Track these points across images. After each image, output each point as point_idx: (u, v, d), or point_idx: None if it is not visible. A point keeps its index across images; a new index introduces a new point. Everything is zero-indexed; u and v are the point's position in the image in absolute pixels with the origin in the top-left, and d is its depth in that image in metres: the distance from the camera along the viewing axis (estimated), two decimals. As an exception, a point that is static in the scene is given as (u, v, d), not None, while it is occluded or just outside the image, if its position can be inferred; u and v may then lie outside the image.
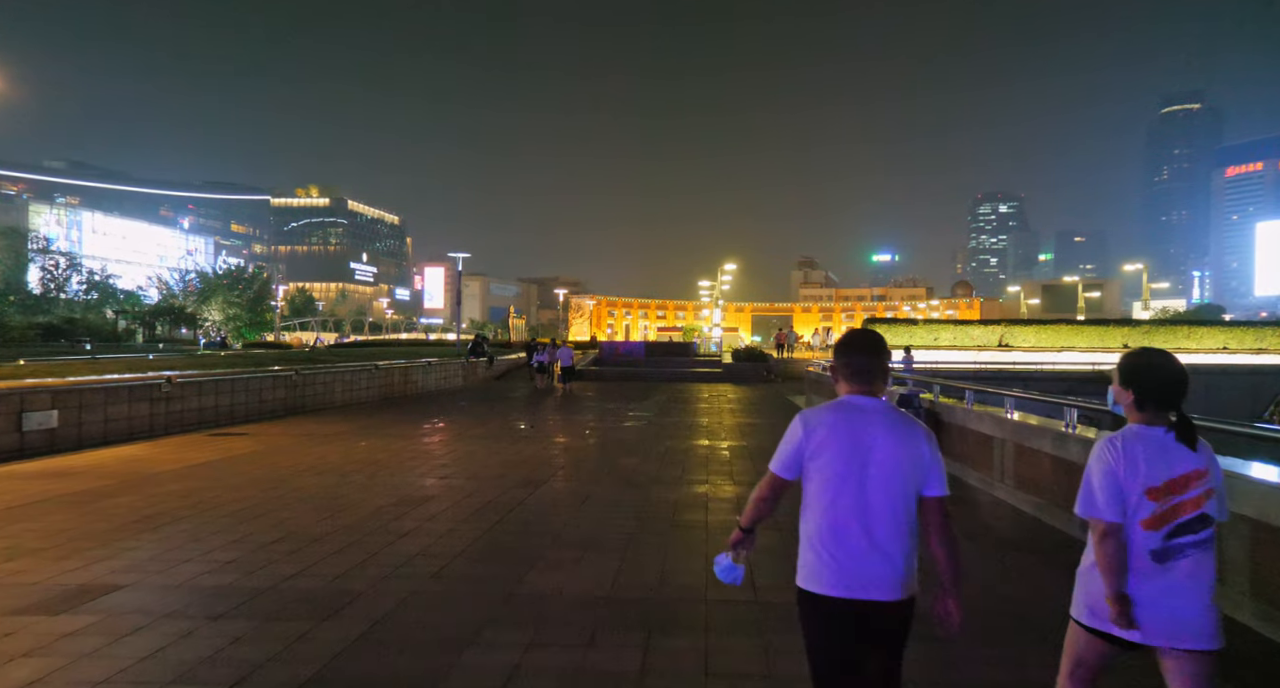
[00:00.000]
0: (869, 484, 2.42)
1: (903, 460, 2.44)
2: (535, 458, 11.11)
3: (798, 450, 2.53)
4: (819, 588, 2.43)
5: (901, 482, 2.44)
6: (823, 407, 2.58)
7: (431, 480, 9.17)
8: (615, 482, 9.24)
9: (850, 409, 2.53)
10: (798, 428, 2.54)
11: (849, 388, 2.60)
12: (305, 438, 13.07)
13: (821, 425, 2.50)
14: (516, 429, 14.88)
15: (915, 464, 2.46)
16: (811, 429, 2.51)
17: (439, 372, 27.09)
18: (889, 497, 2.42)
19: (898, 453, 2.45)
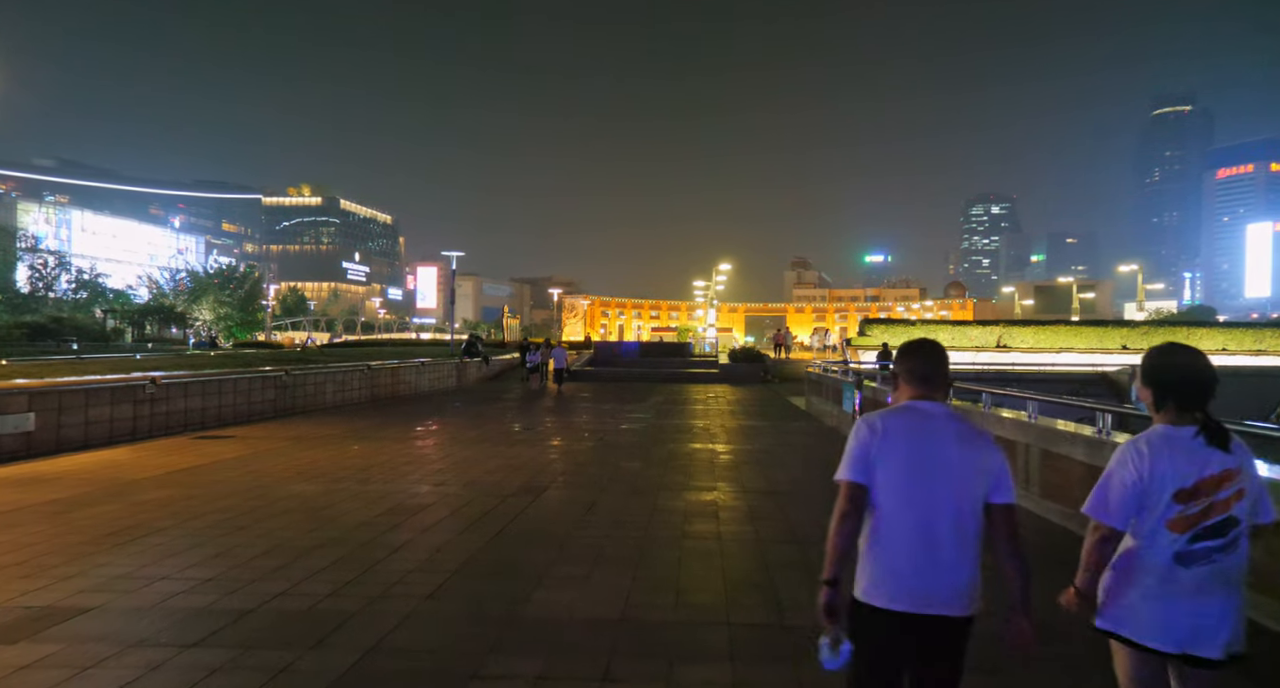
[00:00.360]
0: (936, 491, 2.35)
1: (970, 466, 2.37)
2: (534, 463, 10.70)
3: (866, 453, 2.43)
4: (880, 601, 2.33)
5: (969, 489, 2.37)
6: (887, 411, 2.50)
7: (426, 488, 8.74)
8: (619, 489, 8.84)
9: (916, 414, 2.45)
10: (864, 430, 2.45)
11: (912, 393, 2.52)
12: (295, 441, 12.63)
13: (888, 429, 2.42)
14: (513, 432, 14.46)
15: (983, 471, 2.38)
16: (879, 432, 2.43)
17: (432, 372, 26.63)
18: (956, 504, 2.35)
19: (965, 459, 2.37)
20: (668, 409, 19.85)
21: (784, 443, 13.38)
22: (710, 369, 37.96)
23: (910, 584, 2.31)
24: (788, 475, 9.90)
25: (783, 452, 12.20)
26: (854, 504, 2.42)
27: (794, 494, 8.58)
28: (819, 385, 21.78)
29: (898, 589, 2.32)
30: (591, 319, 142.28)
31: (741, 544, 6.37)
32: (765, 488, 8.92)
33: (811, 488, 8.95)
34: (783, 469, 10.40)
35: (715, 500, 8.17)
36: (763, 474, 9.93)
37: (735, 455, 11.73)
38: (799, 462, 11.19)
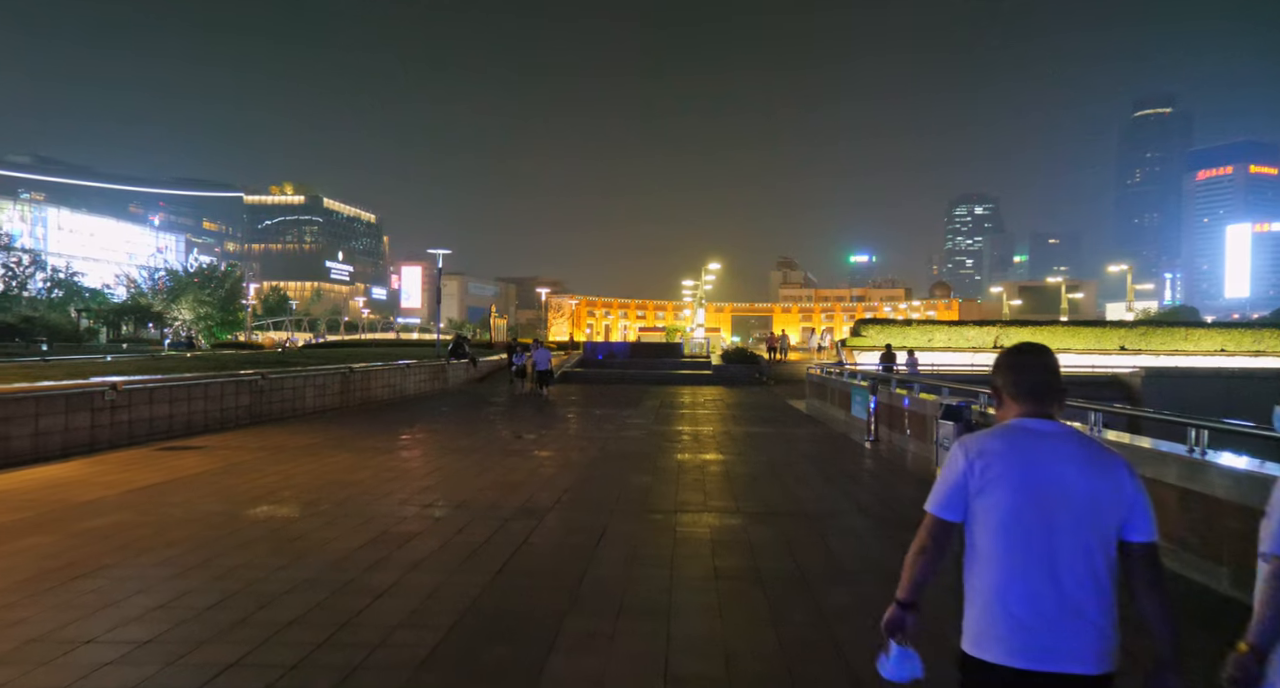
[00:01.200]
0: (1057, 527, 2.02)
1: (1099, 497, 2.04)
2: (532, 478, 9.74)
3: (960, 485, 2.11)
4: (995, 656, 2.01)
5: (1098, 524, 2.03)
6: (988, 433, 2.16)
7: (413, 510, 7.76)
8: (630, 510, 7.90)
9: (1025, 435, 2.11)
10: (959, 458, 2.12)
11: (1020, 410, 2.17)
12: (269, 452, 11.59)
13: (990, 455, 2.09)
14: (506, 440, 13.48)
15: (1115, 501, 2.04)
16: (977, 459, 2.09)
17: (418, 374, 25.58)
18: (1083, 542, 2.02)
19: (1092, 488, 2.04)
20: (666, 414, 18.93)
21: (798, 453, 12.48)
22: (703, 371, 37.12)
23: (1031, 636, 1.98)
24: (812, 493, 9.00)
25: (801, 464, 11.30)
26: (936, 542, 2.13)
27: (826, 518, 7.66)
28: (822, 388, 20.94)
29: (1016, 641, 1.99)
30: (578, 319, 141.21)
31: (787, 585, 5.44)
32: (793, 509, 8.01)
33: (842, 510, 8.05)
34: (805, 486, 9.50)
35: (743, 526, 7.24)
36: (786, 492, 9.03)
37: (750, 467, 10.82)
38: (819, 476, 10.30)
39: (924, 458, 11.80)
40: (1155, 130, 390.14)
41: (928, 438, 11.91)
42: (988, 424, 9.36)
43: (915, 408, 12.69)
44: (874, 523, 7.40)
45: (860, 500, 8.55)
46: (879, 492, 9.15)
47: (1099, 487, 2.03)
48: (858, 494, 8.94)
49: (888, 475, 10.45)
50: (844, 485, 9.55)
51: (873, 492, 9.14)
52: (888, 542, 6.64)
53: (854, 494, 8.94)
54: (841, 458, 12.06)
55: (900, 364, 23.61)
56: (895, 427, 13.90)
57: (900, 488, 9.43)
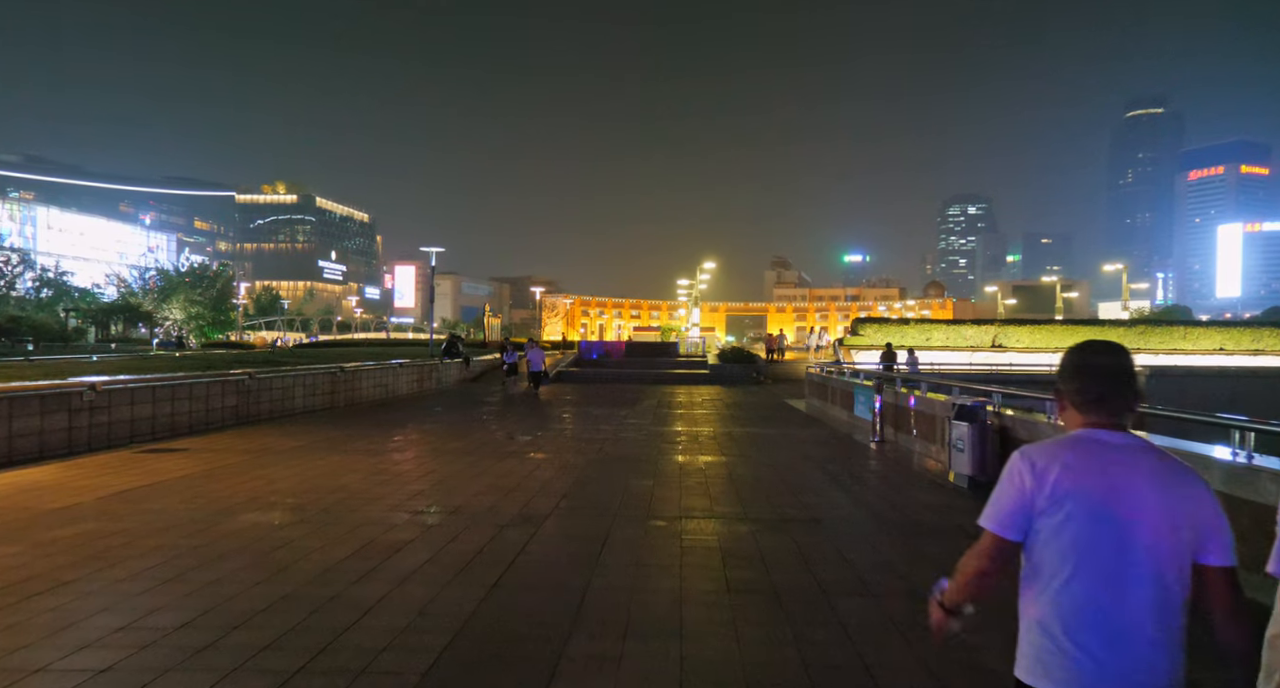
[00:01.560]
0: (1129, 549, 1.82)
1: (1175, 517, 1.83)
2: (529, 481, 9.33)
3: (1024, 502, 1.91)
4: (1057, 686, 1.82)
5: (1173, 546, 1.83)
6: (1053, 444, 1.97)
7: (404, 516, 7.36)
8: (633, 516, 7.50)
9: (1095, 447, 1.92)
10: (1022, 471, 1.93)
11: (1086, 420, 1.98)
12: (255, 455, 11.16)
13: (1057, 468, 1.89)
14: (501, 442, 13.07)
15: (1191, 522, 1.84)
16: (1043, 473, 1.90)
17: (411, 374, 25.14)
18: (1156, 566, 1.82)
19: (1167, 507, 1.84)
20: (664, 414, 18.54)
21: (801, 455, 12.10)
22: (699, 370, 36.73)
23: (1099, 666, 1.81)
24: (821, 498, 8.62)
25: (804, 467, 10.92)
26: (996, 565, 1.95)
27: (837, 525, 7.28)
28: (823, 388, 20.58)
29: (1082, 671, 1.82)
30: (573, 319, 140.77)
31: (806, 601, 5.05)
32: (803, 516, 7.62)
33: (854, 517, 7.66)
34: (813, 490, 9.12)
35: (752, 534, 6.85)
36: (793, 497, 8.63)
37: (754, 470, 10.44)
38: (825, 479, 9.92)
39: (933, 459, 11.44)
40: (1147, 130, 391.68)
41: (937, 439, 11.56)
42: (1003, 426, 9.00)
43: (923, 408, 12.32)
44: (890, 531, 7.02)
45: (872, 506, 8.17)
46: (890, 496, 8.77)
47: (1176, 506, 1.85)
48: (869, 499, 8.56)
49: (897, 478, 10.08)
50: (853, 489, 9.17)
51: (884, 496, 8.77)
52: (907, 551, 6.27)
53: (865, 499, 8.56)
54: (847, 460, 11.68)
55: (901, 363, 23.27)
56: (901, 427, 13.54)
57: (912, 492, 9.06)
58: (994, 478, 7.88)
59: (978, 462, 8.90)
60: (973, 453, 8.89)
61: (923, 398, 12.49)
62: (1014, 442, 8.75)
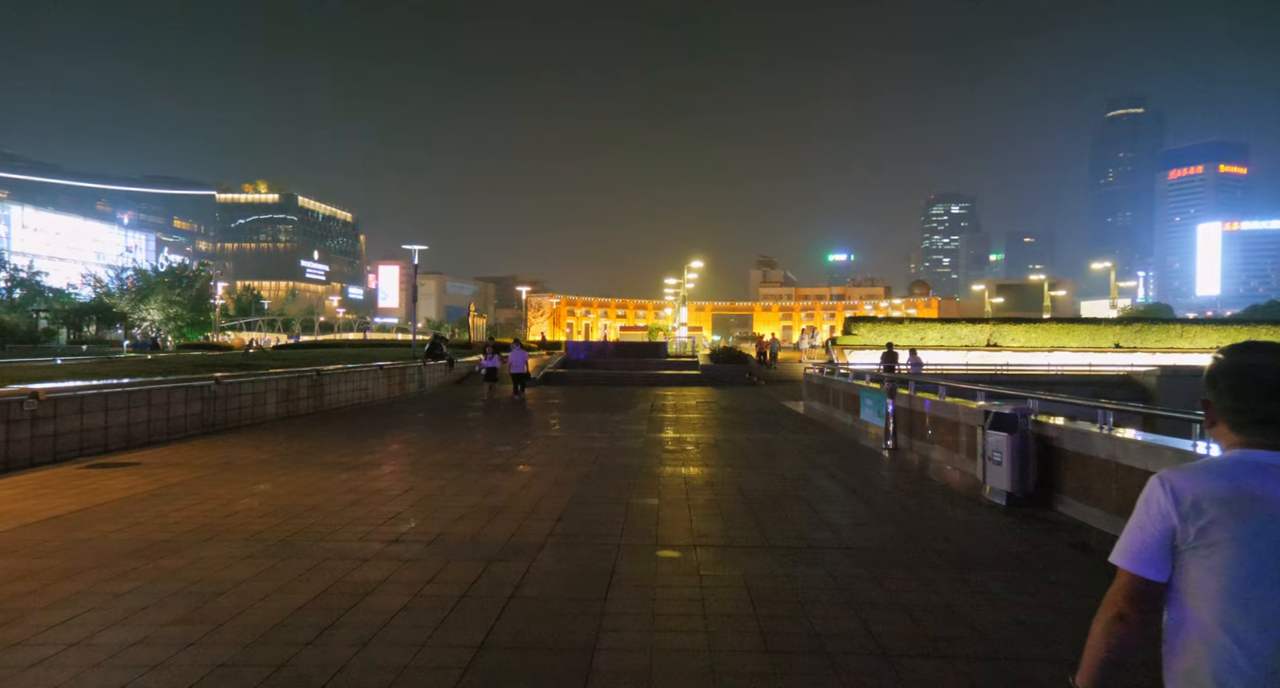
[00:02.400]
0: None
1: None
2: (518, 500, 8.37)
3: (1166, 535, 1.63)
4: None
5: None
6: (1203, 467, 1.64)
7: (376, 546, 6.38)
8: (639, 544, 6.56)
9: (1258, 473, 1.59)
10: (1162, 500, 1.63)
11: (1245, 440, 1.65)
12: (214, 470, 10.13)
13: (1210, 498, 1.59)
14: (487, 452, 12.08)
15: None
16: (1192, 503, 1.60)
17: (392, 377, 24.08)
18: None
19: None
20: (659, 419, 17.61)
21: (813, 465, 11.20)
22: (690, 371, 35.86)
23: None
24: (847, 518, 7.71)
25: (820, 479, 10.01)
26: (1138, 608, 1.64)
27: (874, 554, 6.37)
28: (824, 391, 19.73)
29: None
30: (558, 318, 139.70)
31: (866, 667, 4.10)
32: (832, 541, 6.70)
33: (890, 542, 6.74)
34: (836, 508, 8.21)
35: (781, 569, 5.89)
36: (816, 517, 7.72)
37: (766, 483, 9.51)
38: (844, 493, 9.03)
39: (955, 469, 10.57)
40: (1128, 130, 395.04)
41: (959, 447, 10.69)
42: (1045, 436, 8.13)
43: (942, 413, 11.46)
44: (936, 562, 6.12)
45: (906, 527, 7.26)
46: (923, 515, 7.88)
47: None
48: (900, 518, 7.65)
49: (923, 492, 9.19)
50: (878, 506, 8.28)
51: (915, 515, 7.87)
52: (966, 590, 5.36)
53: (895, 518, 7.66)
54: (863, 470, 10.80)
55: (902, 364, 22.46)
56: (916, 433, 12.68)
57: (944, 509, 8.18)
58: (1035, 495, 6.91)
59: (1017, 477, 8.03)
60: (1012, 467, 8.02)
61: (942, 403, 11.63)
62: (1059, 455, 7.88)
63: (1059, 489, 7.87)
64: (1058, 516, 7.69)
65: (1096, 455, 7.17)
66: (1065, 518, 7.57)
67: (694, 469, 10.60)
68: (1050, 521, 7.51)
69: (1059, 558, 6.24)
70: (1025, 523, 7.41)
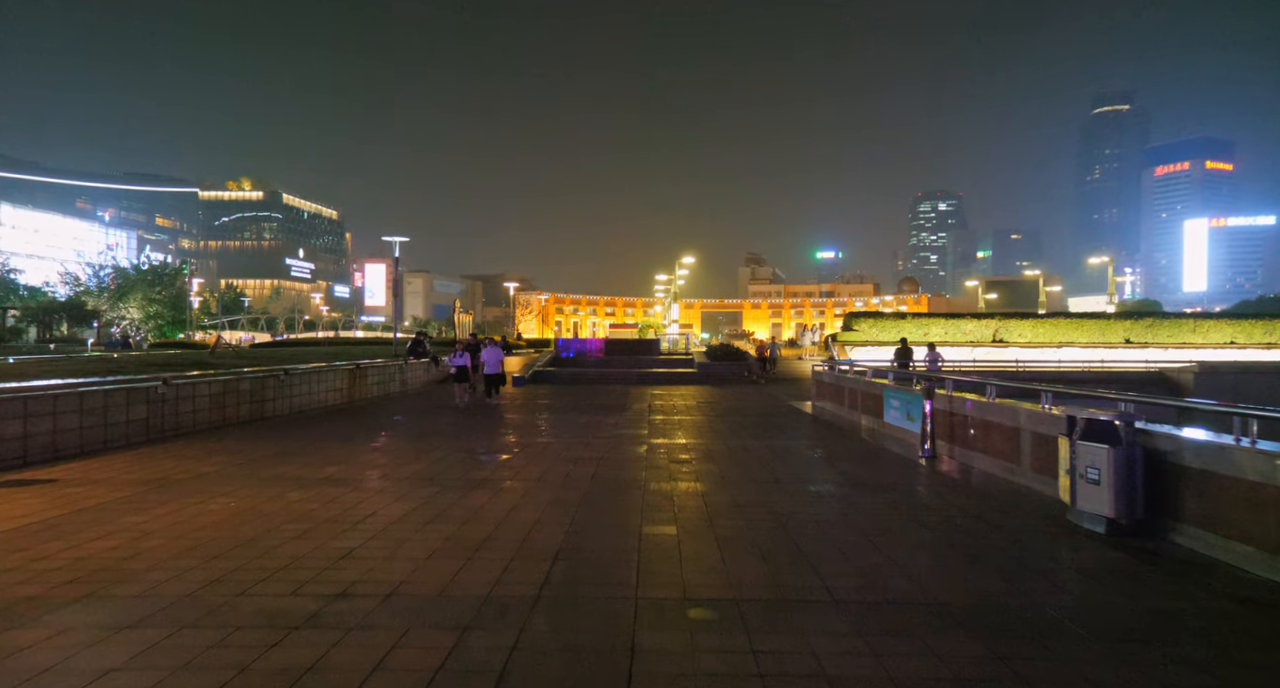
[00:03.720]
0: None
1: None
2: (505, 530, 6.78)
3: None
4: None
5: None
6: None
7: (313, 605, 4.78)
8: (663, 599, 4.98)
9: None
10: None
11: None
12: (143, 488, 8.48)
13: None
14: (467, 463, 10.46)
15: None
16: None
17: (371, 377, 22.39)
18: None
19: None
20: (660, 422, 16.04)
21: (845, 478, 9.66)
22: (685, 369, 34.33)
23: None
24: (923, 556, 6.15)
25: (863, 498, 8.46)
26: None
27: (980, 614, 4.82)
28: (837, 391, 18.20)
29: None
30: (547, 316, 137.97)
31: None
32: (918, 594, 5.13)
33: (991, 594, 5.19)
34: (901, 540, 6.66)
35: (863, 639, 4.32)
36: (878, 554, 6.15)
37: (800, 504, 7.93)
38: (903, 520, 7.50)
39: (1019, 484, 9.05)
40: (1113, 127, 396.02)
41: (1019, 457, 9.18)
42: (1156, 449, 6.50)
43: (994, 417, 9.93)
44: (1073, 629, 4.55)
45: (1002, 568, 5.71)
46: (1014, 551, 6.34)
47: None
48: (988, 557, 6.09)
49: (994, 516, 7.65)
50: (952, 537, 6.73)
51: (1004, 551, 6.33)
52: (1145, 684, 3.82)
53: (983, 557, 6.10)
54: (907, 484, 9.28)
55: (919, 360, 20.98)
56: (956, 439, 11.16)
57: (1034, 540, 6.64)
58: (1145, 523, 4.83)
59: (1122, 500, 6.50)
60: (1116, 488, 6.49)
61: (990, 405, 10.12)
62: (1177, 473, 6.33)
63: (1176, 516, 6.35)
64: (1181, 551, 6.15)
65: (1239, 476, 5.64)
66: (1193, 555, 6.03)
67: (711, 485, 9.04)
68: (1177, 559, 5.97)
69: (1236, 621, 4.68)
70: (1148, 563, 5.88)
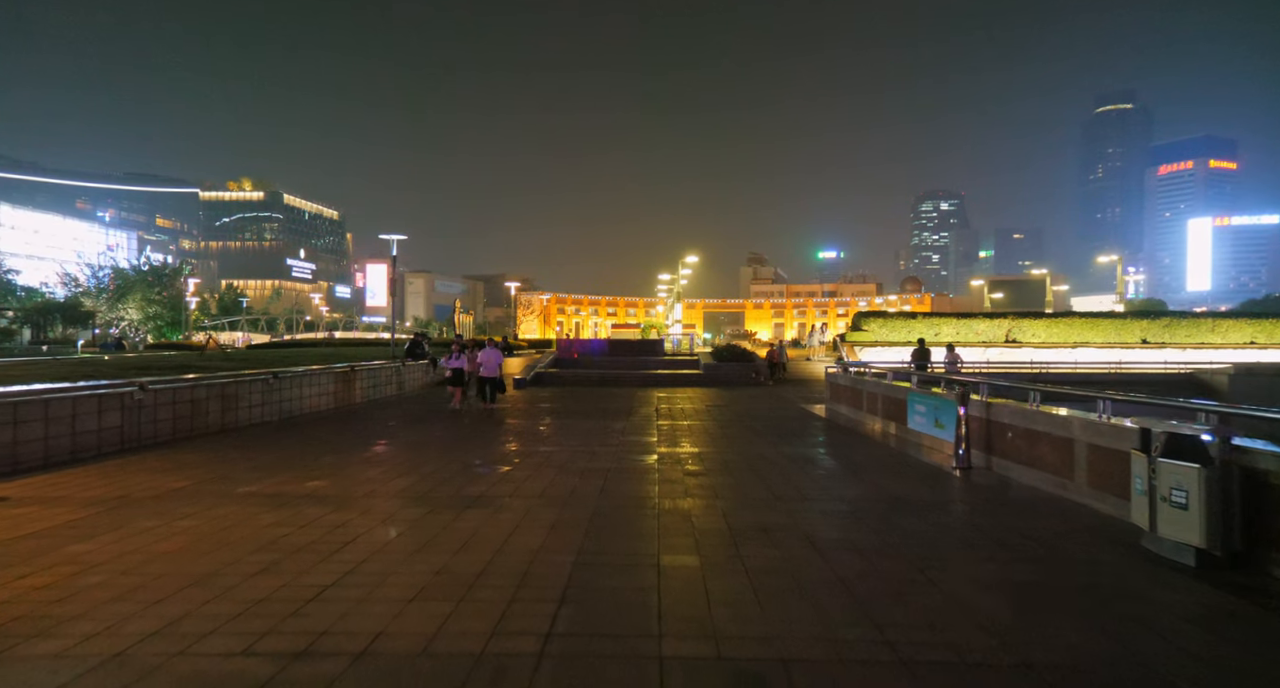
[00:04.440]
0: None
1: None
2: (503, 561, 5.89)
3: None
4: None
5: None
6: None
7: (266, 669, 3.89)
8: (693, 654, 4.08)
9: None
10: None
11: None
12: (99, 510, 7.61)
13: None
14: (463, 478, 9.59)
15: None
16: None
17: (367, 379, 21.54)
18: None
19: None
20: (669, 429, 15.16)
21: (880, 493, 8.77)
22: (690, 370, 33.46)
23: None
24: (995, 599, 5.27)
25: (906, 520, 7.57)
26: None
27: (1074, 678, 3.95)
28: (854, 393, 17.31)
29: None
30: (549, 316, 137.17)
31: None
32: (1001, 652, 4.23)
33: (1086, 651, 4.31)
34: (961, 576, 5.78)
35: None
36: (943, 594, 5.27)
37: (839, 529, 7.04)
38: (956, 547, 6.63)
39: (1071, 501, 8.15)
40: (1116, 126, 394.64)
41: (1072, 471, 8.29)
42: (1251, 468, 5.56)
43: (1041, 426, 9.04)
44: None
45: (1088, 613, 4.83)
46: (1096, 590, 5.46)
47: None
48: (1069, 599, 5.22)
49: (1061, 541, 6.76)
50: (1020, 573, 5.84)
51: (1090, 593, 5.42)
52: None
53: (1065, 600, 5.20)
54: (949, 502, 8.39)
55: (937, 362, 20.09)
56: (993, 449, 10.28)
57: (1118, 576, 5.76)
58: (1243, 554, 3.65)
59: (1217, 528, 5.62)
60: (1208, 514, 5.61)
61: (1034, 412, 9.23)
62: (1275, 495, 5.46)
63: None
64: (1290, 588, 5.29)
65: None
66: (1310, 594, 5.16)
67: (731, 502, 8.15)
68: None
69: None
70: (1260, 605, 5.00)
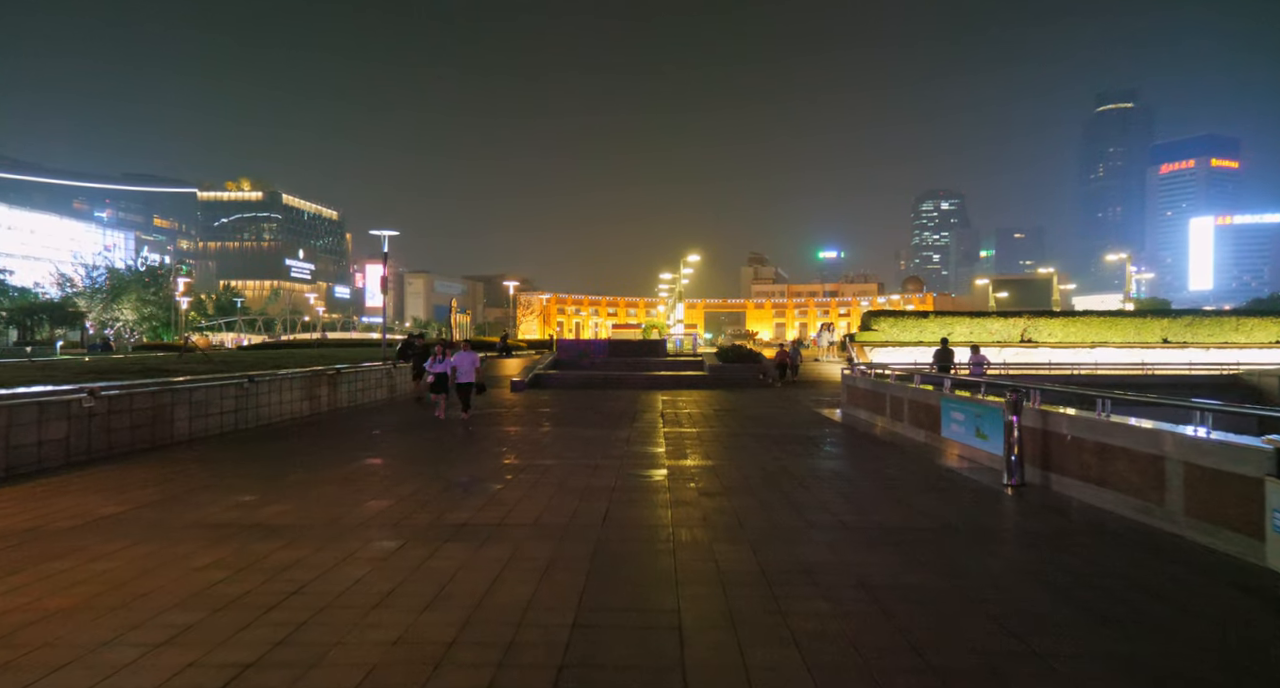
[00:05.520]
0: None
1: None
2: (483, 619, 4.64)
3: None
4: None
5: None
6: None
7: None
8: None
9: None
10: None
11: None
12: (18, 541, 6.38)
13: None
14: (445, 501, 8.35)
15: None
16: None
17: (354, 382, 20.31)
18: None
19: None
20: (677, 437, 13.93)
21: (938, 523, 7.54)
22: (694, 371, 32.26)
23: None
24: (1122, 682, 4.07)
25: (975, 559, 6.35)
26: None
27: None
28: (875, 398, 16.07)
29: None
30: (549, 317, 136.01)
31: None
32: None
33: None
34: (1061, 645, 4.55)
35: None
36: (1042, 666, 4.06)
37: (898, 572, 5.79)
38: (1051, 602, 5.40)
39: (1166, 534, 6.89)
40: (1117, 125, 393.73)
41: (1160, 496, 7.05)
42: None
43: (1118, 440, 7.79)
44: None
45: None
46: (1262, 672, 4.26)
47: None
48: (1216, 677, 4.01)
49: (1172, 587, 5.54)
50: (1143, 641, 4.62)
51: (1248, 670, 4.24)
52: None
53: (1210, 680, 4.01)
54: (1019, 534, 7.17)
55: (961, 363, 18.88)
56: (1051, 464, 9.05)
57: (1261, 626, 4.55)
58: None
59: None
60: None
61: (1105, 424, 7.99)
62: None
63: None
64: None
65: None
66: None
67: (760, 533, 6.89)
68: None
69: None
70: None
